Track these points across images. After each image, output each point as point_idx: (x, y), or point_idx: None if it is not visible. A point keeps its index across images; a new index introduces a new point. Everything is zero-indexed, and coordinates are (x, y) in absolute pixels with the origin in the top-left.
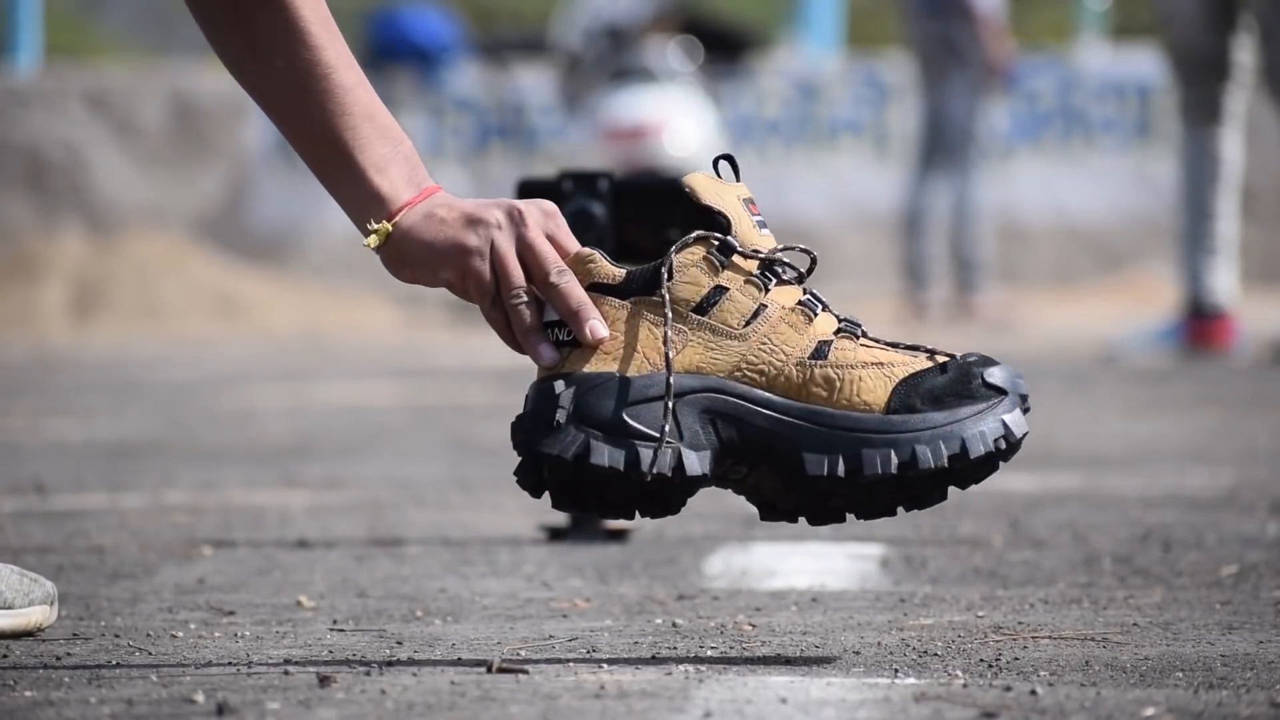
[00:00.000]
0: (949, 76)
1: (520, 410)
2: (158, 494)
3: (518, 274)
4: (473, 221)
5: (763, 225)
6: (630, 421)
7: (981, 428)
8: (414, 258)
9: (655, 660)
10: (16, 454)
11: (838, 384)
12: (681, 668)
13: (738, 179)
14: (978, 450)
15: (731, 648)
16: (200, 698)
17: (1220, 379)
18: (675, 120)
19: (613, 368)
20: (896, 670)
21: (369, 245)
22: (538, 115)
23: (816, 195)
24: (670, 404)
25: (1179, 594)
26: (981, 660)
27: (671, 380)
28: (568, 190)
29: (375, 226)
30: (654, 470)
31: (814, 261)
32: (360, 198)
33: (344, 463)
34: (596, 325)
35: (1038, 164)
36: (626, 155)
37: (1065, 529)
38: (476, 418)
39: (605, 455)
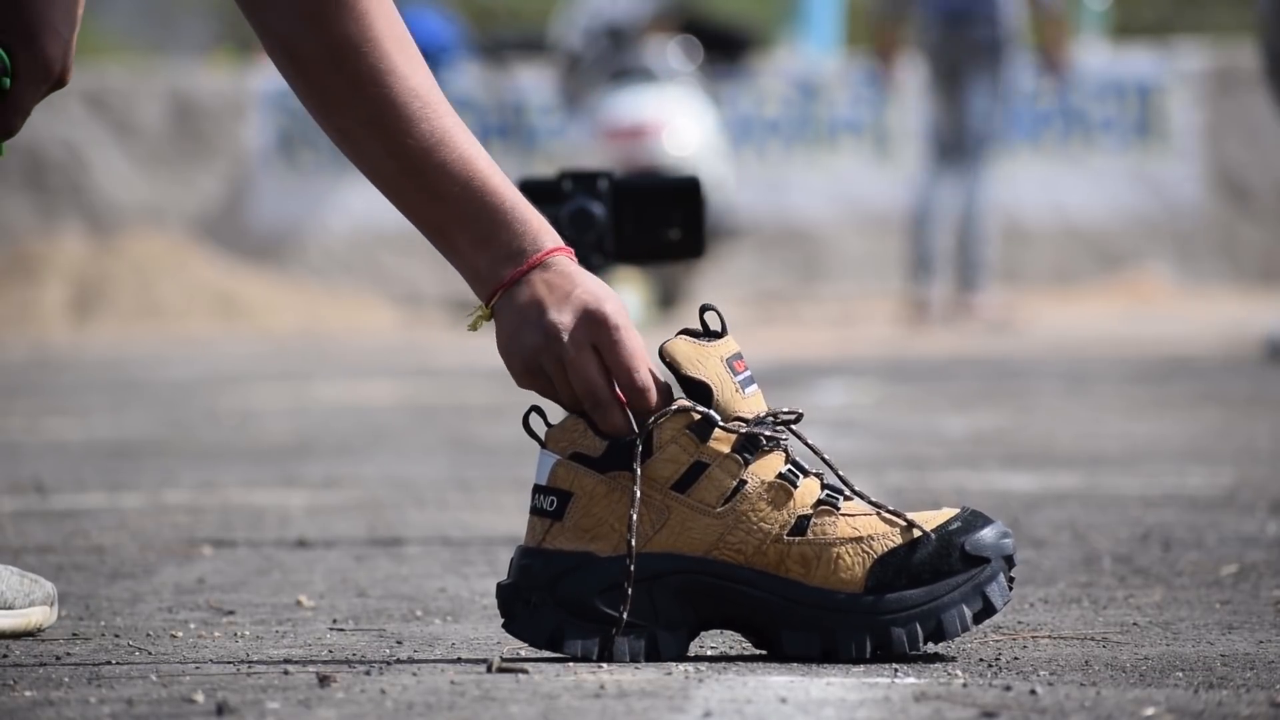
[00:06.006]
0: (972, 81)
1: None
2: (158, 494)
3: (594, 384)
4: (549, 334)
5: (748, 384)
6: (603, 608)
7: (961, 604)
8: (501, 346)
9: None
10: (16, 454)
11: (815, 563)
12: (681, 667)
13: (724, 329)
14: (955, 629)
15: (731, 647)
16: (200, 698)
17: (1220, 379)
18: (675, 120)
19: (592, 547)
20: (896, 670)
21: (470, 328)
22: (538, 115)
23: (816, 195)
24: (631, 590)
25: (1179, 594)
26: (981, 660)
27: (634, 567)
28: (568, 190)
29: (471, 313)
30: (625, 659)
31: (799, 417)
32: (466, 274)
33: (344, 463)
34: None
35: (1038, 164)
36: (626, 155)
37: (1065, 529)
38: (476, 418)
39: (579, 646)
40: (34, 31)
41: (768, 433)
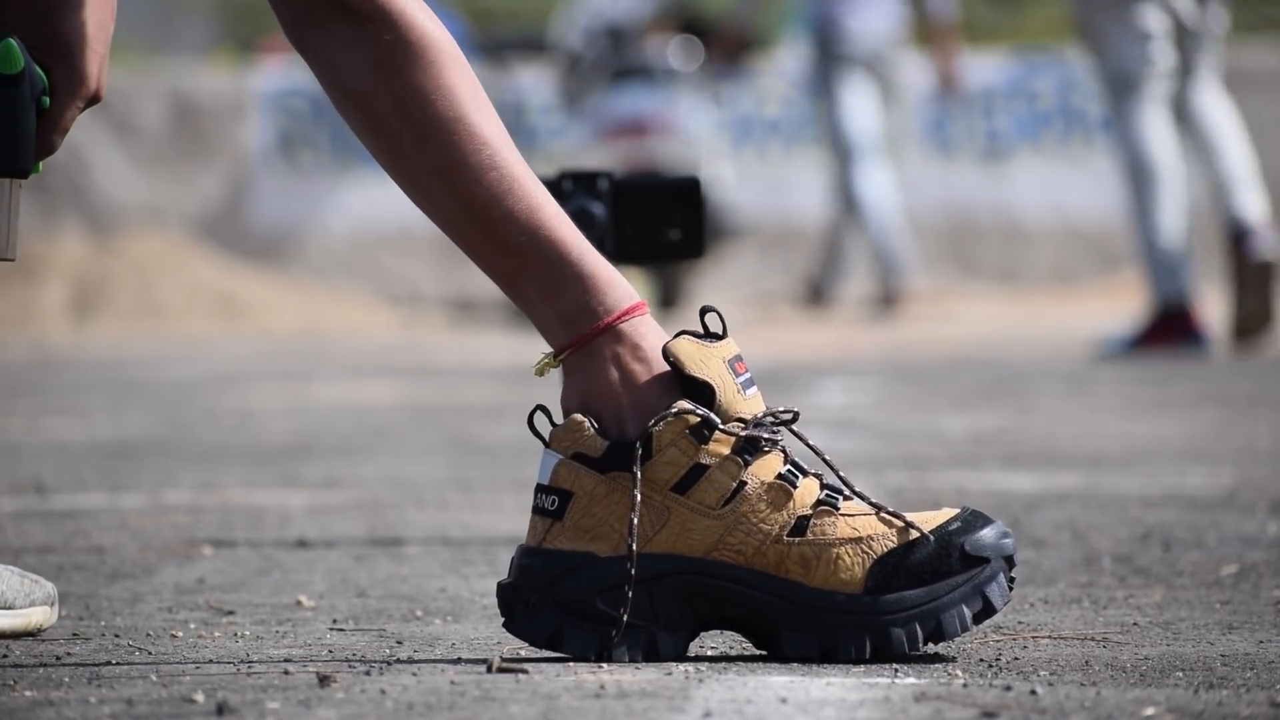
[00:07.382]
0: (844, 90)
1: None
2: (158, 494)
3: None
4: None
5: (748, 385)
6: (603, 608)
7: (960, 604)
8: (579, 403)
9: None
10: (16, 454)
11: (815, 563)
12: (681, 667)
13: (724, 330)
14: (954, 629)
15: (731, 647)
16: (200, 698)
17: (1220, 379)
18: (675, 120)
19: (592, 547)
20: (896, 670)
21: (537, 373)
22: (538, 115)
23: (816, 195)
24: (631, 592)
25: (1179, 594)
26: (981, 660)
27: (634, 570)
28: (568, 190)
29: (540, 359)
30: (625, 660)
31: (796, 416)
32: (537, 323)
33: (344, 463)
34: None
35: (1038, 164)
36: (626, 155)
37: (1065, 529)
38: (476, 418)
39: (577, 644)
40: (70, 49)
41: (767, 434)
